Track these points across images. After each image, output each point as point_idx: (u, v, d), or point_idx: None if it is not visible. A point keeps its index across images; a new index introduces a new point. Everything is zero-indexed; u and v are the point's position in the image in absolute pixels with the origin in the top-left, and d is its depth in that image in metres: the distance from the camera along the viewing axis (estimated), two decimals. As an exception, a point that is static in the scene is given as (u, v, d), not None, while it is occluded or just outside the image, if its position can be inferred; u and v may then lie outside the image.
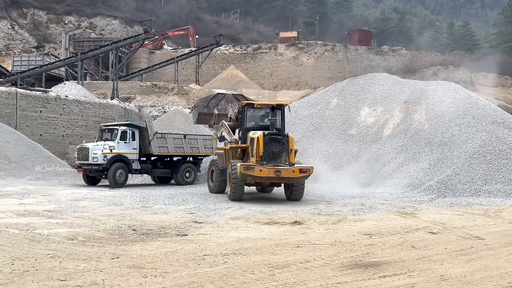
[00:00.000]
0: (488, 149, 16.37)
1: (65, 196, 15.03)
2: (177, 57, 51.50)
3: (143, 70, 51.63)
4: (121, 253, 7.29)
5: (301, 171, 13.91)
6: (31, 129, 25.77)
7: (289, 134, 14.83)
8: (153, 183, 21.80)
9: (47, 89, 30.76)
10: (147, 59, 56.51)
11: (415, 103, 20.33)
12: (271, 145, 14.10)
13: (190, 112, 21.64)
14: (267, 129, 14.72)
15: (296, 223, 10.39)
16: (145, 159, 20.53)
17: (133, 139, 19.75)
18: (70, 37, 52.65)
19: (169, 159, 21.19)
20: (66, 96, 28.63)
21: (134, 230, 9.37)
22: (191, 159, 21.39)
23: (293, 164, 14.25)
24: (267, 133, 14.28)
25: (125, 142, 19.46)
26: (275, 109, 15.29)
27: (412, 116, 19.79)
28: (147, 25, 40.01)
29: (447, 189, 15.00)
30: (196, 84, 49.75)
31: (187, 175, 20.84)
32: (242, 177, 13.94)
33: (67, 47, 51.35)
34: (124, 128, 19.75)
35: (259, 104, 16.11)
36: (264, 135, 14.12)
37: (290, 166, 14.04)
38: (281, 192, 16.23)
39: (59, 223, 10.00)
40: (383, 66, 56.58)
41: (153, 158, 20.77)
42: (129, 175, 19.84)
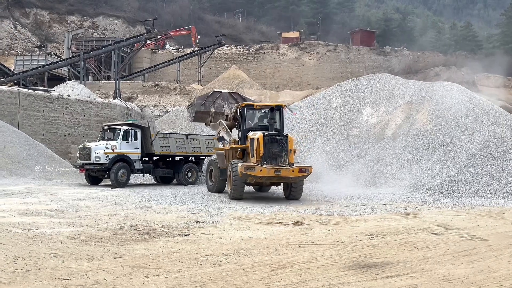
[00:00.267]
0: (490, 150, 16.33)
1: (67, 195, 15.05)
2: (179, 57, 51.61)
3: (145, 70, 51.73)
4: (123, 253, 7.30)
5: (301, 171, 14.09)
6: (33, 129, 25.82)
7: (289, 134, 14.97)
8: (155, 183, 21.81)
9: (50, 89, 30.83)
10: (149, 59, 56.57)
11: (418, 104, 20.31)
12: (271, 146, 14.25)
13: (187, 109, 21.69)
14: (266, 130, 14.85)
15: (298, 223, 10.39)
16: (147, 159, 20.56)
17: (135, 139, 19.77)
18: (72, 37, 52.88)
19: (171, 159, 21.19)
20: (68, 95, 28.68)
21: (136, 229, 9.38)
22: (193, 159, 21.40)
23: (293, 164, 14.40)
24: (267, 133, 14.43)
25: (127, 141, 19.49)
26: (274, 110, 15.47)
27: (414, 116, 19.76)
28: (150, 25, 40.09)
29: (450, 190, 14.96)
30: (198, 84, 49.82)
31: (189, 175, 20.86)
32: (243, 177, 14.10)
33: (69, 47, 51.56)
34: (126, 127, 19.77)
35: (258, 105, 16.27)
36: (264, 136, 14.26)
37: (289, 166, 14.19)
38: (278, 191, 16.37)
39: (61, 222, 10.02)
40: (385, 66, 56.54)
41: (155, 158, 20.79)
42: (131, 174, 19.88)
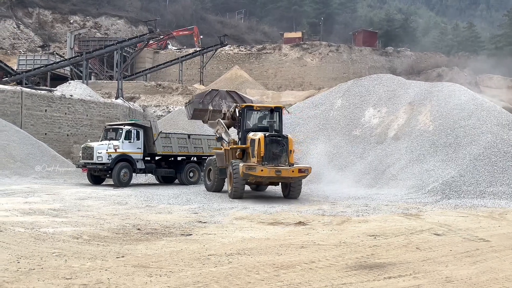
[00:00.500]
0: (493, 151, 16.31)
1: (70, 195, 15.07)
2: (182, 57, 51.65)
3: (147, 70, 51.80)
4: (126, 252, 7.31)
5: (300, 171, 14.40)
6: (36, 128, 25.87)
7: (289, 135, 15.24)
8: (157, 182, 21.84)
9: (52, 88, 30.87)
10: (152, 59, 56.66)
11: (420, 105, 20.28)
12: (272, 146, 14.55)
13: (184, 107, 21.81)
14: (266, 130, 15.17)
15: (300, 223, 10.39)
16: (149, 158, 20.58)
17: (138, 139, 19.80)
18: (75, 37, 52.95)
19: (173, 159, 21.21)
20: (71, 95, 28.72)
21: (138, 229, 9.40)
22: (195, 159, 21.41)
23: (292, 164, 14.69)
24: (267, 134, 14.72)
25: (130, 141, 19.52)
26: (274, 111, 15.80)
27: (416, 117, 19.74)
28: (152, 25, 40.18)
29: (452, 190, 14.94)
30: (200, 84, 49.84)
31: (191, 175, 20.87)
32: (244, 177, 14.37)
33: (72, 47, 51.64)
34: (128, 127, 19.80)
35: (258, 106, 16.63)
36: (265, 137, 14.54)
37: (289, 166, 14.49)
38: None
39: (64, 221, 10.03)
40: (388, 67, 56.53)
41: (157, 157, 20.81)
42: (134, 174, 19.90)
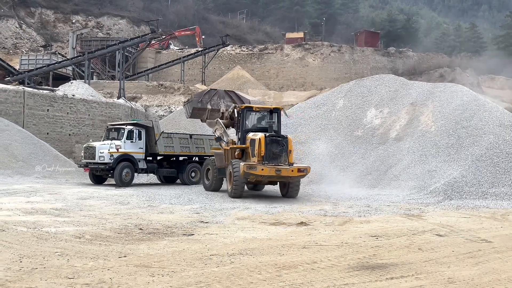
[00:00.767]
0: (495, 151, 16.29)
1: (72, 194, 15.08)
2: (184, 57, 51.66)
3: (149, 69, 51.81)
4: (128, 252, 7.32)
5: (299, 170, 14.83)
6: (38, 128, 25.90)
7: (288, 136, 15.64)
8: (159, 182, 21.84)
9: (54, 88, 30.93)
10: (154, 59, 56.68)
11: (422, 105, 20.27)
12: (272, 146, 14.97)
13: (183, 106, 21.94)
14: (264, 131, 15.57)
15: (302, 224, 10.39)
16: (151, 158, 20.57)
17: (140, 139, 19.81)
18: (77, 37, 53.03)
19: (175, 158, 21.21)
20: (73, 95, 28.76)
21: (140, 229, 9.40)
22: (197, 159, 21.40)
23: (292, 164, 15.10)
24: (268, 135, 15.12)
25: (132, 141, 19.52)
26: (273, 112, 16.35)
27: (418, 118, 19.73)
28: (154, 25, 40.20)
29: (454, 191, 14.93)
30: (202, 84, 49.84)
31: (193, 175, 20.85)
32: (245, 176, 14.71)
33: (74, 46, 51.72)
34: (130, 127, 19.81)
35: (257, 107, 17.09)
36: (265, 137, 14.94)
37: (289, 166, 14.88)
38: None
39: (66, 221, 10.05)
40: (390, 67, 56.47)
41: (159, 157, 20.80)
42: (135, 174, 19.90)
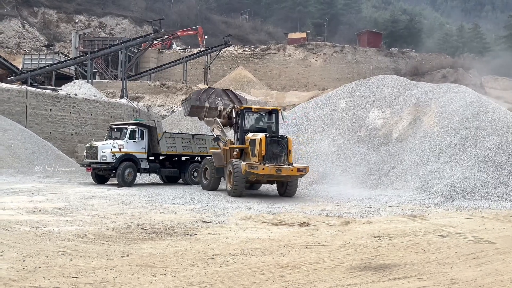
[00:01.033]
0: (498, 152, 16.25)
1: (74, 194, 15.10)
2: (186, 57, 51.67)
3: (152, 69, 51.84)
4: (130, 252, 7.34)
5: (299, 170, 15.27)
6: (40, 127, 25.95)
7: (288, 136, 16.05)
8: (161, 182, 21.86)
9: (57, 88, 30.98)
10: (156, 59, 56.69)
11: (425, 106, 20.23)
12: (272, 146, 15.38)
13: (181, 104, 22.03)
14: (263, 131, 15.95)
15: (304, 224, 10.39)
16: (153, 158, 20.60)
17: (142, 138, 19.83)
18: (80, 36, 53.12)
19: (177, 158, 21.23)
20: (75, 94, 28.81)
21: (143, 228, 9.42)
22: (199, 159, 21.41)
23: (292, 163, 15.53)
24: (268, 135, 15.49)
25: (134, 141, 19.55)
26: (271, 113, 16.79)
27: (421, 118, 19.70)
28: (157, 25, 40.14)
29: (456, 192, 14.90)
30: (204, 84, 49.80)
31: (195, 174, 20.84)
32: (245, 175, 15.03)
33: (77, 46, 51.83)
34: (133, 127, 19.83)
35: (256, 108, 17.50)
36: (266, 137, 15.31)
37: (289, 165, 15.28)
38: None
39: (69, 220, 10.07)
40: (392, 68, 56.37)
41: (161, 157, 20.82)
42: (138, 174, 19.93)
